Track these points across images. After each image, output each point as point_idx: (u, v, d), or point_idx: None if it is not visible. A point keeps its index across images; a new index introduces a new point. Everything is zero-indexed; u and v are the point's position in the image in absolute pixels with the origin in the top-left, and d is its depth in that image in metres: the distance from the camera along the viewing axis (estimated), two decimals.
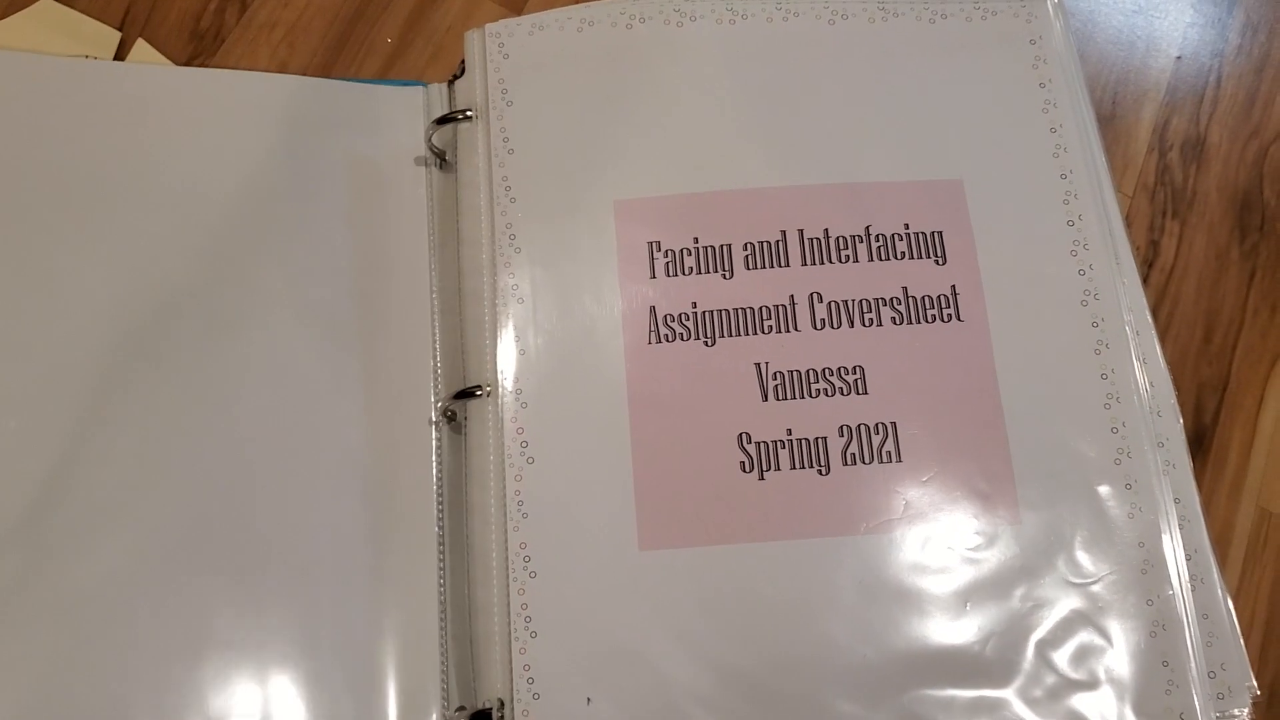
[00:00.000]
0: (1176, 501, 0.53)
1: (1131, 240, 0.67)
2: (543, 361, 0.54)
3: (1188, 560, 0.52)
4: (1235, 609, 0.63)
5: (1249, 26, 0.74)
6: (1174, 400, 0.55)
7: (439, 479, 0.56)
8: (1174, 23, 0.73)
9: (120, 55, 0.62)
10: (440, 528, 0.55)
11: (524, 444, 0.53)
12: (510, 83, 0.57)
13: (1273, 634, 0.63)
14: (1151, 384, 0.54)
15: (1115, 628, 0.51)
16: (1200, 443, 0.66)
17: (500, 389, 0.53)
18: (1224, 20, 0.74)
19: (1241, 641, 0.52)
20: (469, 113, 0.58)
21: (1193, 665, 0.51)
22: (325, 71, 0.64)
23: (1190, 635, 0.51)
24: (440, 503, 0.55)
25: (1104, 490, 0.53)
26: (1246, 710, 0.51)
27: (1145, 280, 0.68)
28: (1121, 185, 0.70)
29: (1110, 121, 0.71)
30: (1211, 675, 0.51)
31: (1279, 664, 0.62)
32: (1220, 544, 0.64)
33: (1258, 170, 0.72)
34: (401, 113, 0.61)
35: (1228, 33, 0.74)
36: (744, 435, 0.53)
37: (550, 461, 0.53)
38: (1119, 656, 0.51)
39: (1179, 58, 0.73)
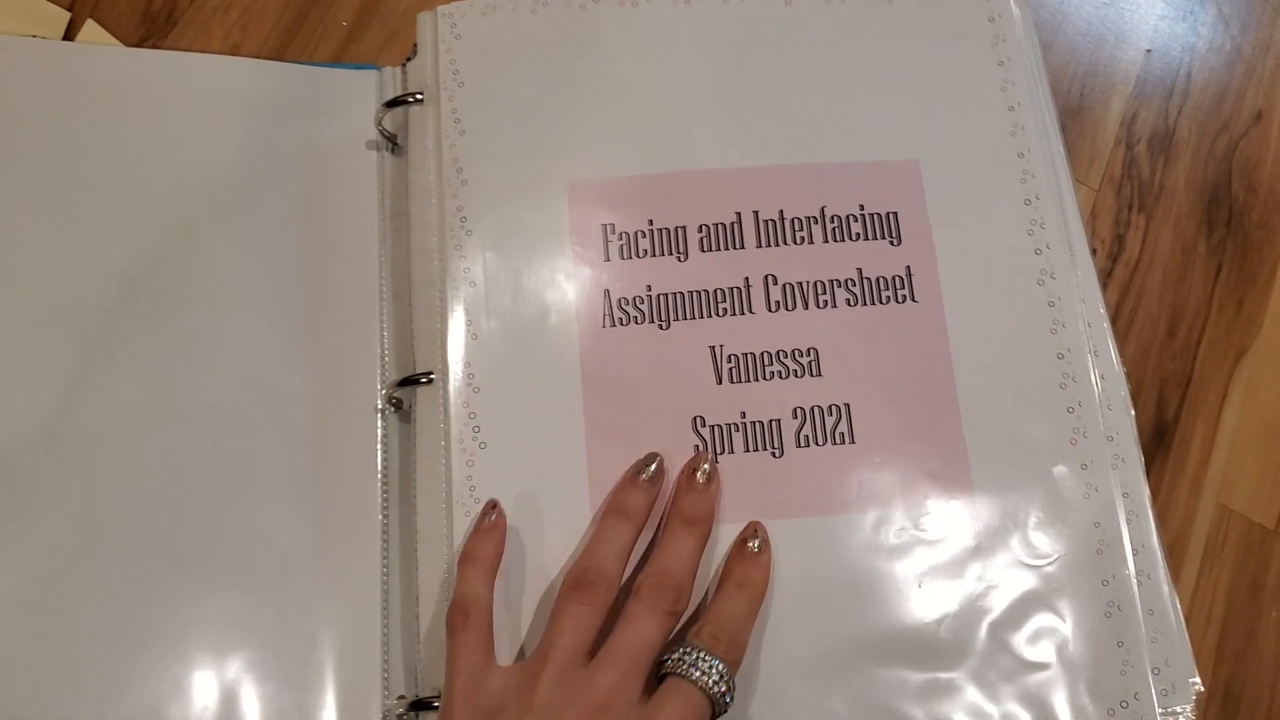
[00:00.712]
0: (1125, 496, 0.52)
1: (1097, 234, 0.67)
2: (495, 345, 0.53)
3: (1135, 555, 0.51)
4: (1193, 605, 0.62)
5: (1221, 20, 0.73)
6: (1125, 394, 0.54)
7: (384, 468, 0.55)
8: (1145, 15, 0.73)
9: (70, 35, 0.61)
10: (385, 516, 0.54)
11: (476, 429, 0.52)
12: (462, 64, 0.56)
13: (1230, 630, 0.62)
14: (1103, 377, 0.54)
15: (1070, 608, 0.51)
16: (1162, 438, 0.65)
17: (451, 373, 0.53)
18: (1196, 14, 0.73)
19: (1186, 638, 0.51)
20: (419, 95, 0.57)
21: (1145, 654, 0.50)
22: (279, 55, 0.63)
23: (1137, 627, 0.50)
24: (385, 492, 0.54)
25: (1059, 470, 0.52)
26: (1189, 707, 0.50)
27: (1110, 274, 0.67)
28: (1088, 178, 0.69)
29: (1077, 114, 0.70)
30: (1156, 671, 0.50)
31: (1235, 660, 0.62)
32: (1180, 540, 0.63)
33: (1227, 165, 0.71)
34: (355, 96, 0.60)
35: (1199, 26, 0.73)
36: (698, 419, 0.52)
37: (503, 446, 0.52)
38: (1074, 637, 0.50)
39: (1149, 51, 0.72)
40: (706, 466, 0.51)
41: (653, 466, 0.51)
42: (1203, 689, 0.51)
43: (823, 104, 0.57)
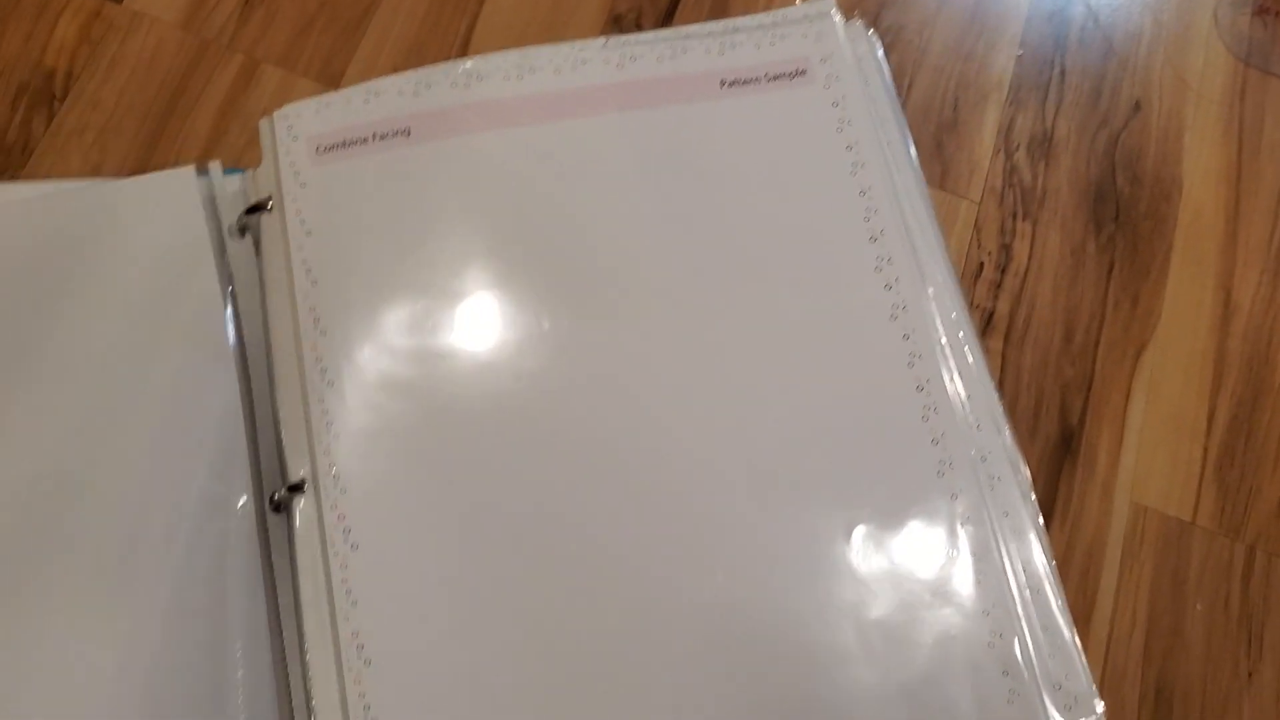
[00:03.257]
0: (1005, 515, 0.52)
1: (983, 246, 0.67)
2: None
3: (1023, 571, 0.51)
4: (1116, 607, 0.62)
5: (1089, 14, 0.73)
6: (997, 410, 0.54)
7: (271, 580, 0.54)
8: (1011, 20, 0.73)
9: None
10: (279, 633, 0.54)
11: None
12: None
13: (1156, 630, 0.62)
14: (969, 397, 0.53)
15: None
16: (1069, 445, 0.65)
17: (319, 477, 0.52)
18: (1063, 10, 0.73)
19: (1079, 652, 0.51)
20: (270, 203, 0.57)
21: (1037, 674, 0.49)
22: (142, 168, 0.63)
23: (1032, 644, 0.50)
24: (276, 606, 0.54)
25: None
26: (1094, 717, 0.50)
27: (999, 285, 0.67)
28: (969, 192, 0.69)
29: (952, 128, 0.70)
30: (1058, 687, 0.49)
31: (1163, 660, 0.61)
32: (1096, 544, 0.63)
33: (1109, 160, 0.71)
34: (179, 197, 0.59)
35: (1067, 23, 0.73)
36: None
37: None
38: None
39: (1020, 54, 0.72)
40: None
41: None
42: (1103, 705, 0.50)
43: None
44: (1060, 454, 0.64)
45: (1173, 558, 0.63)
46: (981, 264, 0.67)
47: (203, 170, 0.60)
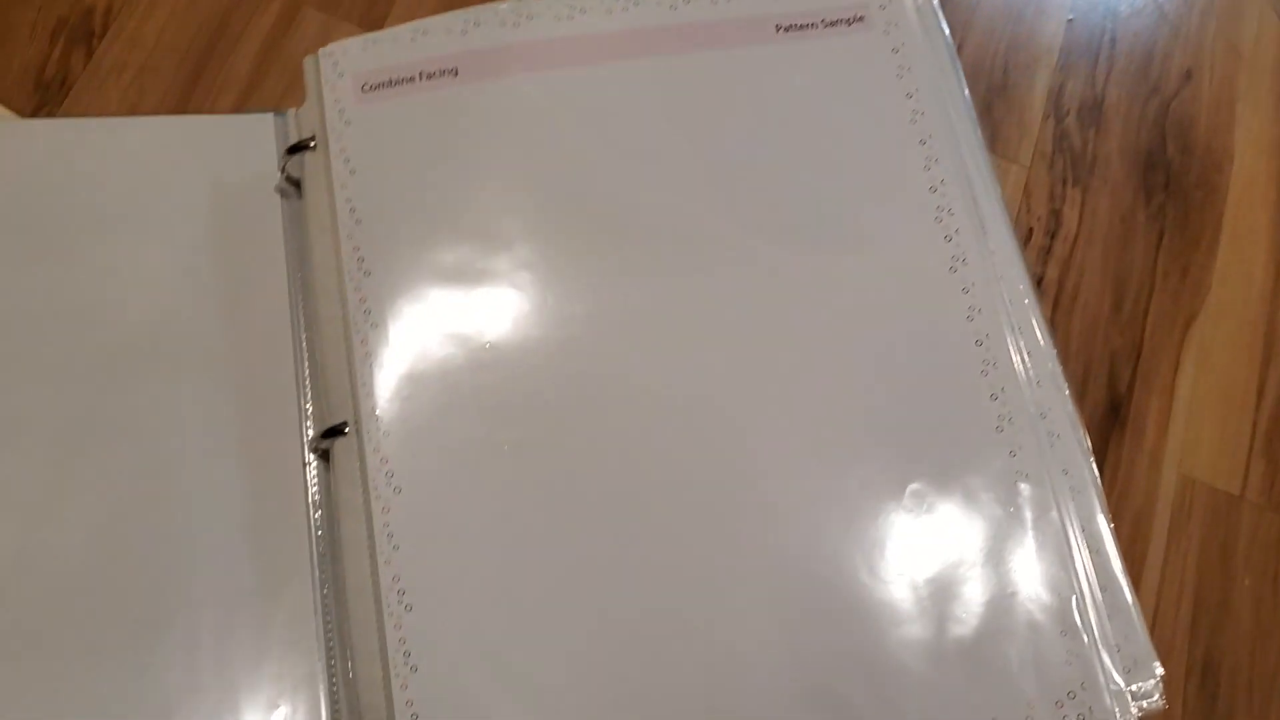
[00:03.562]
0: (1065, 473, 0.50)
1: (1033, 211, 0.66)
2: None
3: (1082, 530, 0.50)
4: (1163, 580, 0.61)
5: None
6: (1055, 368, 0.52)
7: (319, 523, 0.53)
8: None
9: None
10: (323, 572, 0.53)
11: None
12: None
13: (1203, 603, 0.61)
14: (1029, 354, 0.52)
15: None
16: (1117, 413, 0.63)
17: (362, 421, 0.51)
18: None
19: (1139, 614, 0.50)
20: (313, 141, 0.56)
21: (1097, 635, 0.48)
22: (180, 109, 0.62)
23: (1091, 604, 0.49)
24: (321, 547, 0.53)
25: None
26: (1153, 682, 0.48)
27: (1049, 251, 0.66)
28: (1019, 156, 0.68)
29: (1002, 91, 0.69)
30: (1117, 649, 0.48)
31: (1211, 634, 0.60)
32: (1144, 516, 0.62)
33: (1160, 129, 0.70)
34: (255, 143, 0.59)
35: None
36: None
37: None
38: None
39: (1071, 20, 0.71)
40: None
41: None
42: (1163, 671, 0.49)
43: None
44: (1108, 422, 0.63)
45: (1221, 531, 0.62)
46: (1031, 229, 0.66)
47: (280, 114, 0.60)
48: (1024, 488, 0.50)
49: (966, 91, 0.57)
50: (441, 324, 0.53)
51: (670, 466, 0.51)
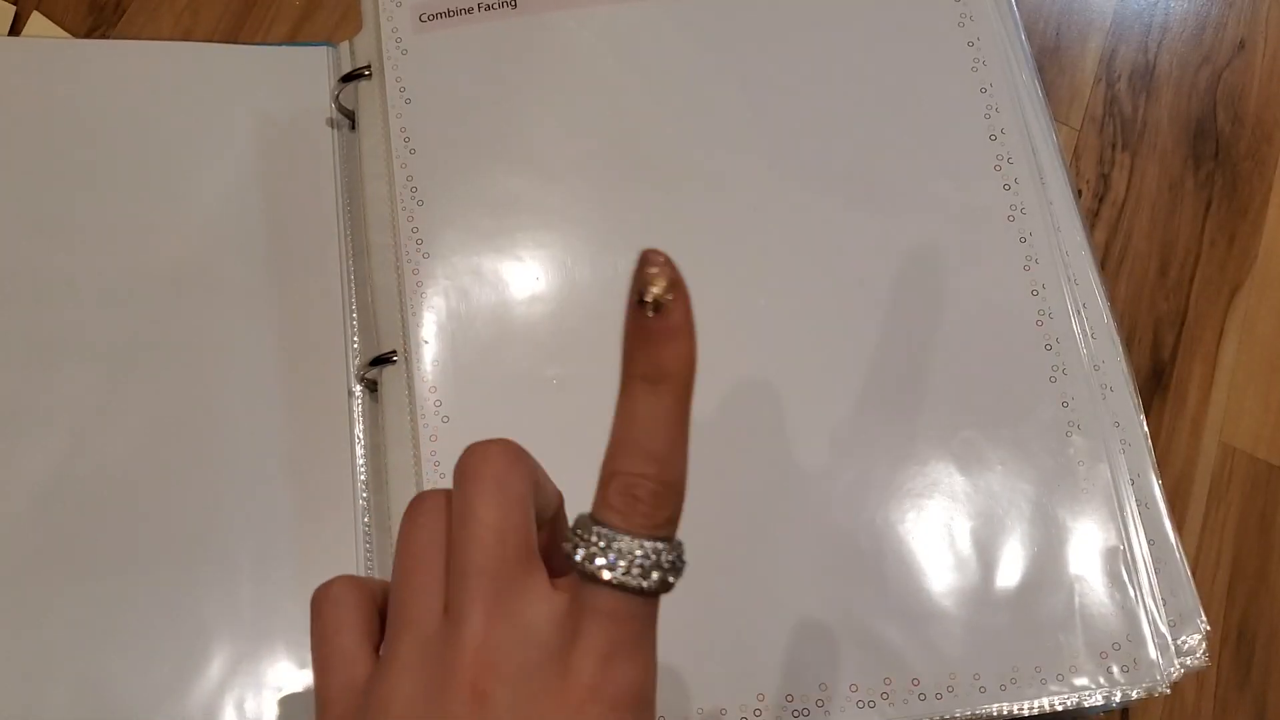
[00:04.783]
0: (1116, 425, 0.50)
1: (1081, 174, 0.65)
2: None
3: (1132, 484, 0.49)
4: (1200, 547, 0.60)
5: None
6: (1109, 321, 0.52)
7: (364, 451, 0.53)
8: None
9: (15, 30, 0.60)
10: (365, 500, 0.53)
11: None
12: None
13: (1240, 571, 0.60)
14: (1084, 305, 0.52)
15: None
16: (1159, 379, 0.63)
17: (411, 350, 0.51)
18: None
19: (1187, 569, 0.49)
20: (368, 69, 0.55)
21: (1144, 588, 0.48)
22: (231, 37, 0.62)
23: (1140, 558, 0.49)
24: (365, 476, 0.53)
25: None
26: (1199, 637, 0.48)
27: (1096, 214, 0.65)
28: (1069, 119, 0.67)
29: (1054, 53, 0.68)
30: (1164, 602, 0.48)
31: (1247, 602, 0.60)
32: (1184, 482, 0.62)
33: (1211, 97, 0.69)
34: (309, 74, 0.59)
35: None
36: None
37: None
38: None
39: None
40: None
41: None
42: (1209, 627, 0.49)
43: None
44: (1151, 387, 0.63)
45: (1260, 501, 0.62)
46: (1080, 191, 0.66)
47: (333, 46, 0.60)
48: (1075, 439, 0.50)
49: (1027, 45, 0.57)
50: (492, 256, 0.53)
51: (717, 410, 0.50)
